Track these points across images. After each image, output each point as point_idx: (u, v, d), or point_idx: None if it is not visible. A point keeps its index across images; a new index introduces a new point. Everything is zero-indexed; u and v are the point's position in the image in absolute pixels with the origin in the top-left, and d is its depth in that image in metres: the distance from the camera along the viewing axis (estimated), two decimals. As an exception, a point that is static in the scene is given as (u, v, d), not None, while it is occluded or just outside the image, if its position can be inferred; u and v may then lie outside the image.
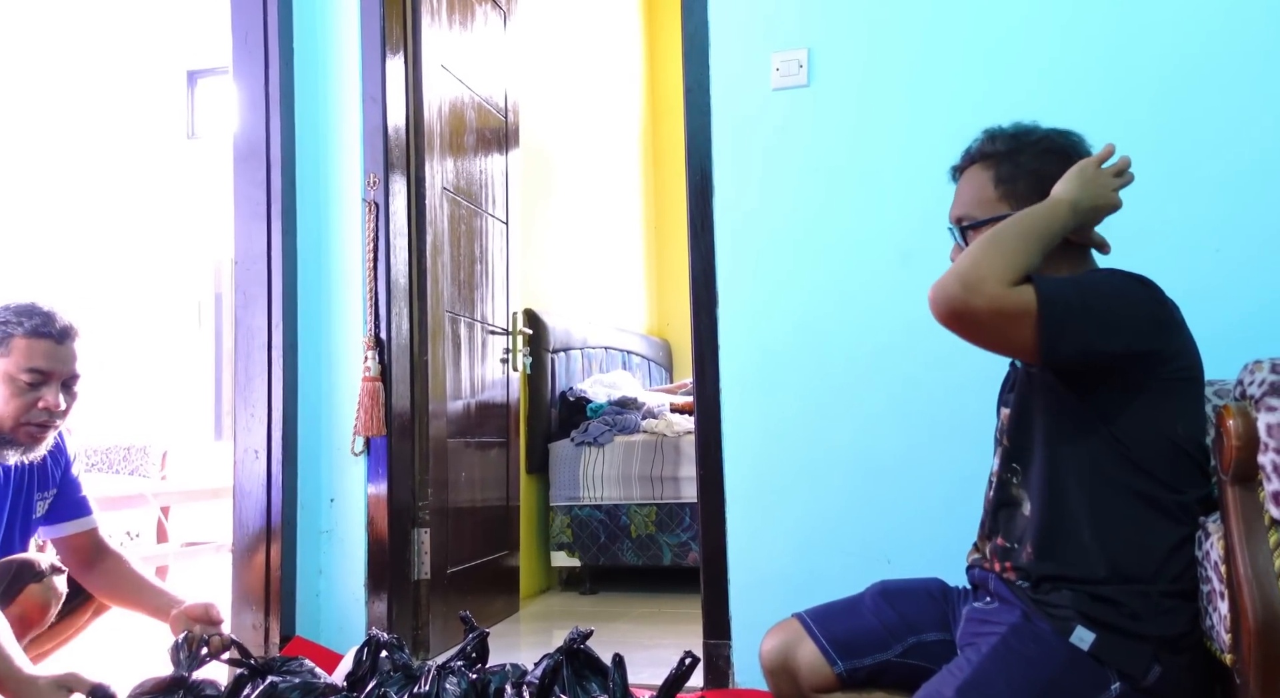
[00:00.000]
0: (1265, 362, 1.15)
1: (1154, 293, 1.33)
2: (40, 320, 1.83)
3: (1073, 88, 2.08)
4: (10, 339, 1.81)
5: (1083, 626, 1.25)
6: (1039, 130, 1.47)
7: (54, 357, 1.83)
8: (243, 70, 2.61)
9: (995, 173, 1.43)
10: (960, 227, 1.46)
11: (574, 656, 1.68)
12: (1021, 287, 1.24)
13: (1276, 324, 1.91)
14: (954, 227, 1.48)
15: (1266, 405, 1.12)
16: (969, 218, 1.44)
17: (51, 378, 1.83)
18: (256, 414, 2.54)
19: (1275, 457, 1.12)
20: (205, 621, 1.87)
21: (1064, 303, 1.24)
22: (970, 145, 1.50)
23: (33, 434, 1.84)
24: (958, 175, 1.50)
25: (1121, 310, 1.28)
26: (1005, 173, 1.43)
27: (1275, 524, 1.13)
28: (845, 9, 2.23)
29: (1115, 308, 1.27)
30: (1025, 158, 1.43)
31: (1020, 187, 1.42)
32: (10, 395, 1.81)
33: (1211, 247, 1.99)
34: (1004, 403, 1.49)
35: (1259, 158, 1.97)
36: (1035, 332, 1.22)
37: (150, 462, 4.68)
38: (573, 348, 4.15)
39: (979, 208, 1.43)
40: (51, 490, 1.98)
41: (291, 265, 2.58)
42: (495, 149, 3.36)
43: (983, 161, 1.46)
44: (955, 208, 1.48)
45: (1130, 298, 1.30)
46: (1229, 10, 2.01)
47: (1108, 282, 1.32)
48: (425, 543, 2.70)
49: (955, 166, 1.51)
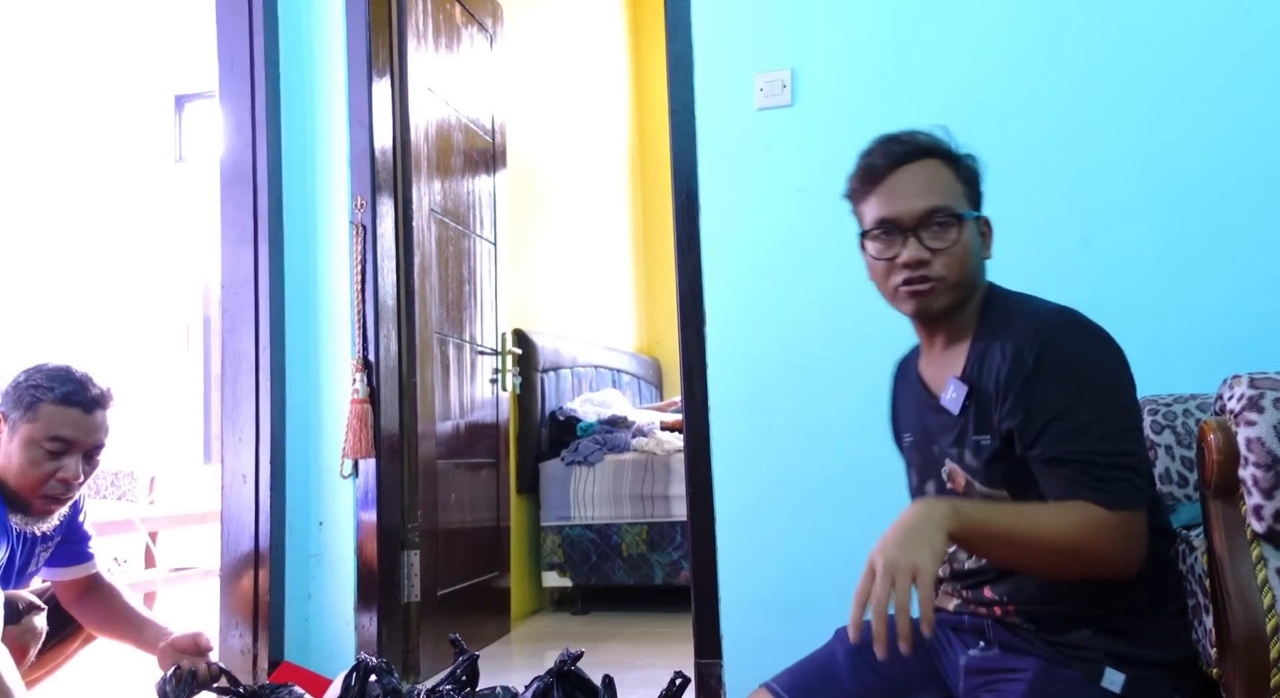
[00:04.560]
0: (1244, 377, 1.16)
1: (1130, 377, 1.25)
2: (72, 388, 1.79)
3: (1056, 105, 2.11)
4: (39, 405, 1.77)
5: (1111, 667, 1.18)
6: (946, 135, 1.38)
7: (80, 426, 1.79)
8: (229, 94, 2.62)
9: (955, 172, 1.32)
10: (936, 218, 1.28)
11: (565, 677, 1.67)
12: (1101, 520, 1.14)
13: (1256, 339, 1.93)
14: (923, 220, 1.28)
15: (1246, 420, 1.13)
16: (948, 209, 1.28)
17: (74, 447, 1.79)
18: (244, 438, 2.53)
19: (1255, 471, 1.13)
20: (193, 651, 1.85)
21: (1126, 493, 1.16)
22: (906, 138, 1.33)
23: (46, 506, 1.81)
24: (891, 168, 1.31)
25: (1136, 435, 1.23)
26: (963, 175, 1.33)
27: (1257, 538, 1.14)
28: (828, 29, 2.25)
29: (1135, 445, 1.21)
30: (968, 164, 1.35)
31: (973, 193, 1.34)
32: (30, 462, 1.77)
33: (1192, 262, 2.01)
34: (949, 457, 1.33)
35: (1241, 174, 1.99)
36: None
37: (138, 486, 4.65)
38: (562, 367, 4.15)
39: (955, 200, 1.31)
40: (56, 539, 1.95)
41: (279, 288, 2.58)
42: (483, 170, 3.37)
43: (937, 158, 1.32)
44: (919, 197, 1.29)
45: (1133, 413, 1.25)
46: (1208, 28, 2.04)
47: (1112, 406, 1.20)
48: (415, 565, 2.69)
49: (887, 161, 1.32)
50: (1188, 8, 2.05)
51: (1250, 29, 2.01)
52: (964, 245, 1.29)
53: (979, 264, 1.33)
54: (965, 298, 1.31)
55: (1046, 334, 1.22)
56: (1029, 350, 1.21)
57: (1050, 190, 2.10)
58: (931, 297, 1.29)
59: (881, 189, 1.32)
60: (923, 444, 1.39)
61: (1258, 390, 1.13)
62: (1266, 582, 1.13)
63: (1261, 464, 1.12)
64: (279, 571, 2.52)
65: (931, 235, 1.28)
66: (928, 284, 1.28)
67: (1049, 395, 1.19)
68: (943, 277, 1.28)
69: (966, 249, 1.29)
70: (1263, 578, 1.13)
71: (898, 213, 1.30)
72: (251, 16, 2.59)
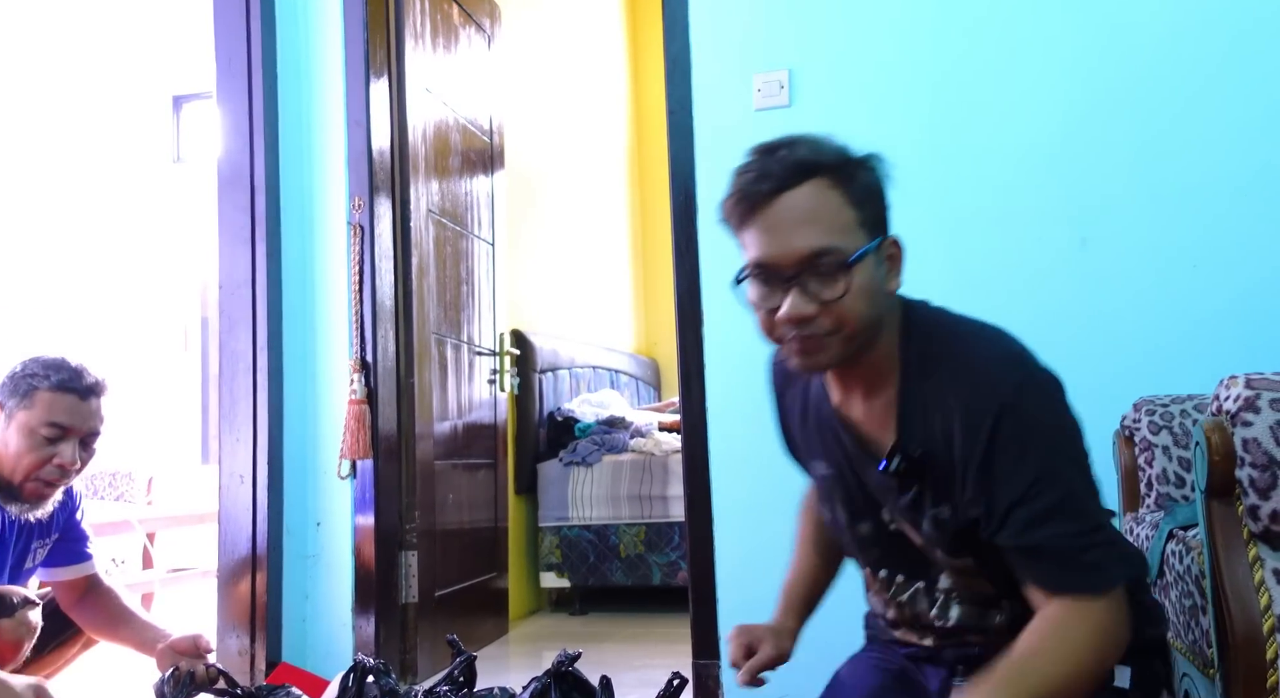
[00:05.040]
0: (1240, 377, 1.16)
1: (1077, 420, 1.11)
2: (67, 376, 1.82)
3: (1053, 104, 2.11)
4: (35, 392, 1.80)
5: (1118, 663, 1.11)
6: (836, 140, 1.14)
7: (76, 412, 1.82)
8: (227, 95, 2.61)
9: (846, 192, 1.08)
10: (822, 263, 1.06)
11: (562, 678, 1.67)
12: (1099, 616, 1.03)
13: (1254, 339, 1.93)
14: (806, 266, 1.06)
15: (1242, 421, 1.13)
16: (837, 252, 1.06)
17: (70, 434, 1.82)
18: (242, 438, 2.53)
19: (1252, 471, 1.13)
20: (192, 653, 1.86)
21: (1112, 570, 1.06)
22: (785, 154, 1.09)
23: (40, 490, 1.83)
24: (767, 197, 1.08)
25: (1096, 489, 1.09)
26: (858, 193, 1.09)
27: (1254, 538, 1.14)
28: (825, 30, 2.25)
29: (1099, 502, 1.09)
30: (865, 175, 1.11)
31: (871, 212, 1.10)
32: (27, 448, 1.79)
33: (1190, 262, 2.01)
34: (901, 520, 1.17)
35: (1239, 175, 2.00)
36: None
37: (136, 487, 4.65)
38: (560, 368, 4.15)
39: (846, 240, 1.07)
40: (53, 536, 1.96)
41: (276, 289, 2.58)
42: (480, 171, 3.37)
43: (823, 176, 1.08)
44: (799, 237, 1.06)
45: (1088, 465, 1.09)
46: (1206, 28, 2.04)
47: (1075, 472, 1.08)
48: (413, 566, 2.69)
49: (761, 188, 1.08)
50: (1185, 9, 2.05)
51: (1248, 30, 2.01)
52: (858, 291, 1.06)
53: (883, 301, 1.11)
54: (868, 341, 1.11)
55: (1001, 396, 1.06)
56: (982, 419, 1.06)
57: (1048, 190, 2.10)
58: (821, 354, 1.10)
59: (756, 223, 1.09)
60: (851, 486, 1.21)
61: (1254, 391, 1.13)
62: (1263, 582, 1.13)
63: (1258, 465, 1.12)
64: (276, 571, 2.52)
65: (817, 283, 1.06)
66: (815, 341, 1.09)
67: (1010, 478, 1.05)
68: (834, 331, 1.08)
69: (861, 294, 1.07)
70: (1259, 578, 1.13)
71: (774, 257, 1.08)
72: (249, 17, 2.59)
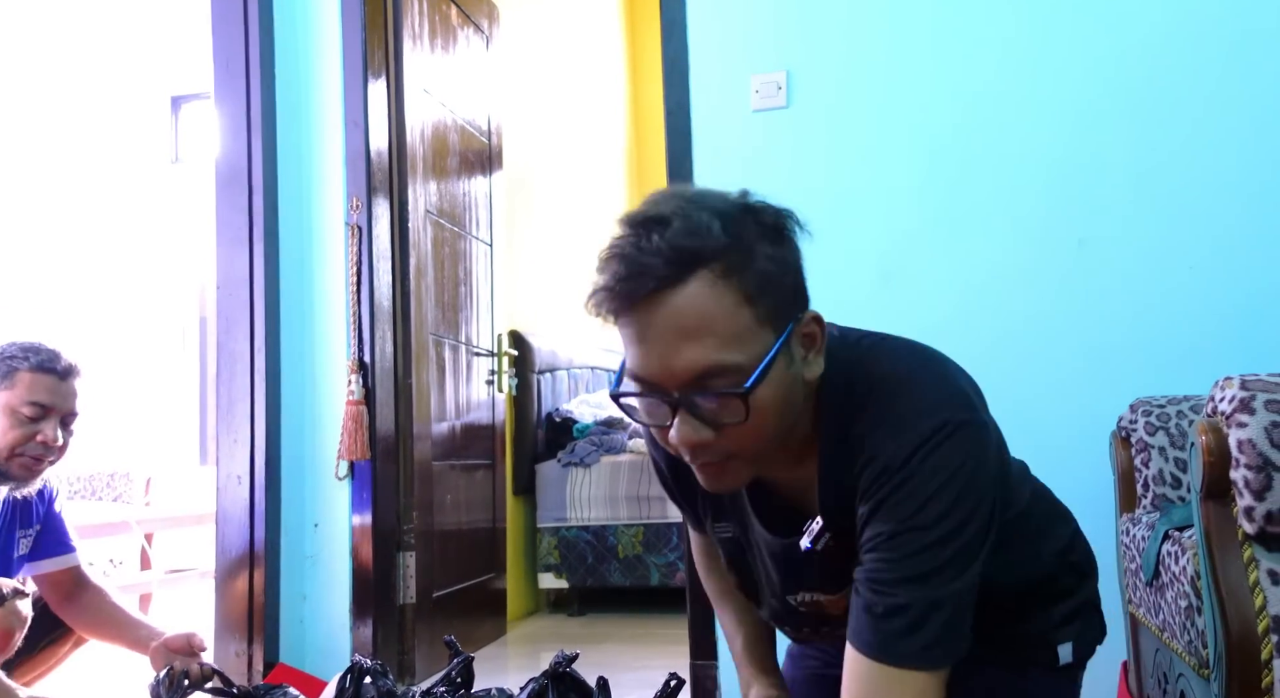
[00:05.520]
0: (1235, 378, 1.16)
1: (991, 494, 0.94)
2: (46, 357, 1.89)
3: (1051, 106, 2.11)
4: (15, 373, 1.85)
5: (1059, 643, 1.14)
6: (727, 197, 0.94)
7: (56, 392, 1.88)
8: (225, 95, 2.62)
9: (740, 283, 0.88)
10: (713, 384, 0.88)
11: (560, 679, 1.67)
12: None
13: (1249, 341, 1.94)
14: (694, 389, 0.89)
15: (1237, 421, 1.13)
16: (732, 371, 0.88)
17: (51, 413, 1.87)
18: (239, 439, 2.53)
19: (1247, 472, 1.13)
20: (186, 651, 1.87)
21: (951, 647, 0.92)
22: (657, 246, 0.86)
23: (27, 466, 1.87)
24: (638, 305, 0.87)
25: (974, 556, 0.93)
26: (755, 281, 0.89)
27: (1248, 539, 1.14)
28: (823, 31, 2.25)
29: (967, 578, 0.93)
30: (762, 251, 0.91)
31: (773, 300, 0.91)
32: (9, 427, 1.84)
33: (1186, 264, 2.01)
34: (823, 591, 1.07)
35: (1236, 176, 2.00)
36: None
37: (134, 488, 4.65)
38: (558, 368, 4.15)
39: (744, 349, 0.88)
40: (35, 527, 1.98)
41: (274, 289, 2.58)
42: (478, 171, 3.38)
43: (709, 267, 0.87)
44: (681, 354, 0.87)
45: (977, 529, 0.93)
46: (1204, 30, 2.04)
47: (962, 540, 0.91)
48: (410, 567, 2.69)
49: (631, 291, 0.87)
50: (1182, 11, 2.05)
51: (1246, 34, 2.01)
52: (763, 409, 0.90)
53: (799, 400, 0.96)
54: (783, 440, 0.97)
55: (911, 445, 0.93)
56: (889, 464, 0.93)
57: (1045, 192, 2.10)
58: (727, 477, 0.96)
59: (630, 328, 0.90)
60: (757, 550, 1.10)
61: (1249, 392, 1.14)
62: (1258, 583, 1.13)
63: (1252, 466, 1.12)
64: (274, 572, 2.52)
65: (712, 406, 0.90)
66: (717, 467, 0.95)
67: (889, 516, 0.94)
68: (736, 455, 0.94)
69: (769, 410, 0.91)
70: (1254, 580, 1.13)
71: (654, 376, 0.90)
72: (247, 18, 2.59)
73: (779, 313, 0.92)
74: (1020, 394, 1.99)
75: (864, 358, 1.01)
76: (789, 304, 0.94)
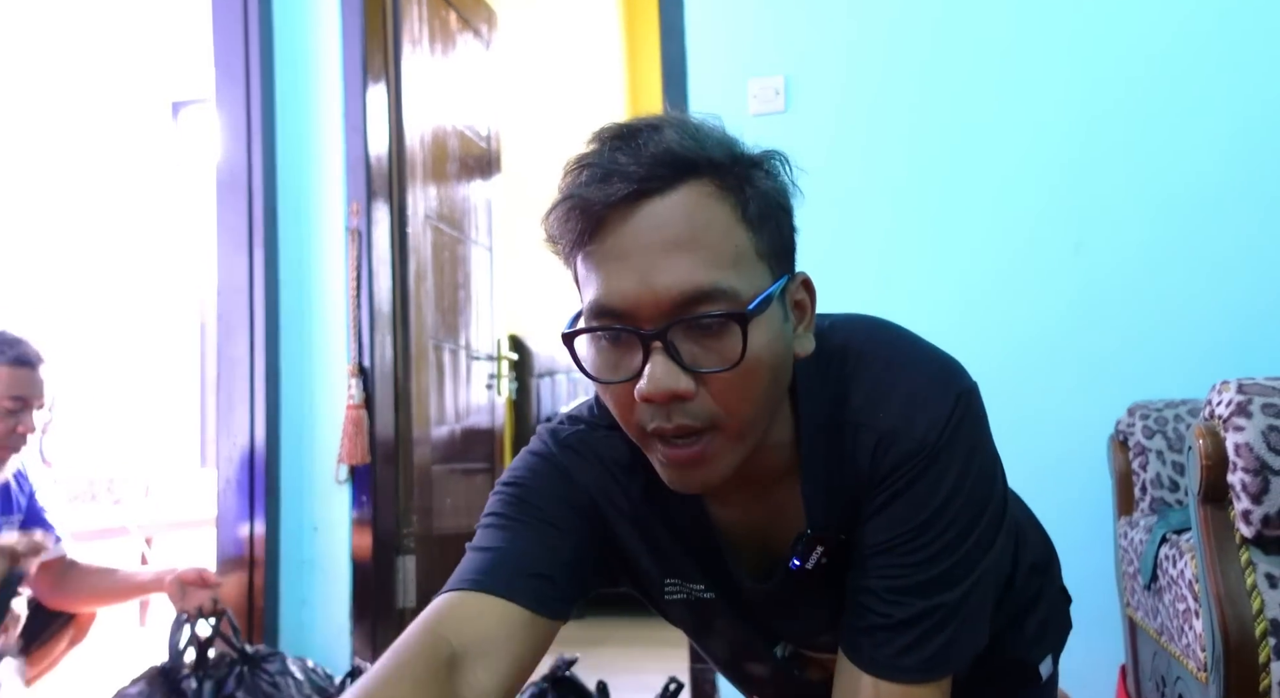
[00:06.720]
0: (1233, 382, 1.17)
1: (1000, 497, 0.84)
2: (20, 350, 1.93)
3: (1048, 109, 2.12)
4: None
5: (1038, 662, 1.02)
6: (722, 129, 0.78)
7: (33, 384, 1.93)
8: (225, 100, 2.62)
9: (739, 203, 0.73)
10: (703, 312, 0.70)
11: (559, 683, 1.68)
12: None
13: (1246, 344, 1.94)
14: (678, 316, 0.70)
15: (1234, 425, 1.14)
16: (727, 295, 0.71)
17: (30, 404, 1.92)
18: (239, 443, 2.53)
19: (1244, 476, 1.13)
20: (200, 584, 1.93)
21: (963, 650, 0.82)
22: (647, 143, 0.73)
23: (4, 456, 1.93)
24: (616, 205, 0.72)
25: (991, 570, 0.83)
26: (757, 206, 0.74)
27: (1246, 542, 1.15)
28: (821, 36, 2.26)
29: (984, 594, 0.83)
30: (765, 179, 0.77)
31: (773, 236, 0.76)
32: None
33: (1184, 267, 2.02)
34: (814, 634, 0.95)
35: (1233, 180, 2.01)
36: None
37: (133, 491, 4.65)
38: (558, 372, 4.15)
39: (740, 275, 0.72)
40: (17, 516, 2.02)
41: (274, 294, 2.58)
42: (478, 176, 3.38)
43: (704, 178, 0.72)
44: (668, 270, 0.70)
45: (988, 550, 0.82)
46: (1201, 34, 2.05)
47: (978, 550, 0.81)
48: (410, 571, 2.69)
49: (611, 195, 0.72)
50: (1180, 15, 2.06)
51: (1243, 36, 2.02)
52: (755, 360, 0.72)
53: (787, 373, 0.79)
54: (763, 433, 0.78)
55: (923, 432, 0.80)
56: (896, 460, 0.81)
57: (1043, 195, 2.11)
58: (709, 465, 0.75)
59: (599, 246, 0.73)
60: (722, 610, 0.93)
61: (1246, 396, 1.14)
62: (1255, 586, 1.14)
63: (1250, 469, 1.13)
64: (273, 577, 2.52)
65: (695, 344, 0.71)
66: (696, 446, 0.73)
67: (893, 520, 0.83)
68: (719, 425, 0.73)
69: (761, 363, 0.73)
70: (1251, 582, 1.14)
71: (627, 302, 0.71)
72: (247, 23, 2.59)
73: (776, 253, 0.76)
74: (1018, 398, 2.00)
75: (826, 333, 0.85)
76: (786, 250, 0.78)
